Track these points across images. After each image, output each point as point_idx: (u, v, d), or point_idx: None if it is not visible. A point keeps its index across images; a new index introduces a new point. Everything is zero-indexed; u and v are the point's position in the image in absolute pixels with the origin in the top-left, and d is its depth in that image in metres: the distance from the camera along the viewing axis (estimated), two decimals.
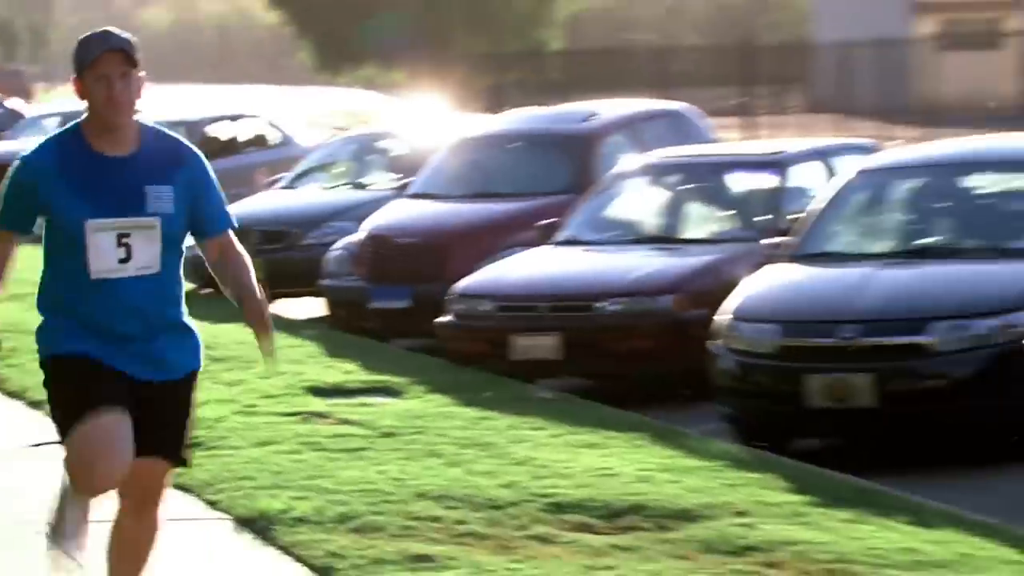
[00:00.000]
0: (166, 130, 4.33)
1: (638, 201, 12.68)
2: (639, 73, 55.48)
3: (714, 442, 8.81)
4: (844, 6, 56.54)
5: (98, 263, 3.99)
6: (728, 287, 10.01)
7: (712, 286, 10.70)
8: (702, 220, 12.28)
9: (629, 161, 13.30)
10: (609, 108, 16.20)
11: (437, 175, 15.15)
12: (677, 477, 7.37)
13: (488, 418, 9.25)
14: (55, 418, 4.24)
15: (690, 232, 12.01)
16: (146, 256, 4.06)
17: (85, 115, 4.15)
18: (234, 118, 25.97)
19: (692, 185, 12.62)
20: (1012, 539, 6.32)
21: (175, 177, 4.12)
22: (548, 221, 12.75)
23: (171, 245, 4.14)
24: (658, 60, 58.32)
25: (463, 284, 11.95)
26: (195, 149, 4.31)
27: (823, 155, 12.88)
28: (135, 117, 4.13)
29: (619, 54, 65.21)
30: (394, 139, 19.42)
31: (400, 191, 15.71)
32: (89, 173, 4.05)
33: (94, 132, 4.10)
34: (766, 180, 12.50)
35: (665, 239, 11.78)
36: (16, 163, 4.16)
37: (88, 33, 4.18)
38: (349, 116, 52.04)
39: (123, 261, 4.02)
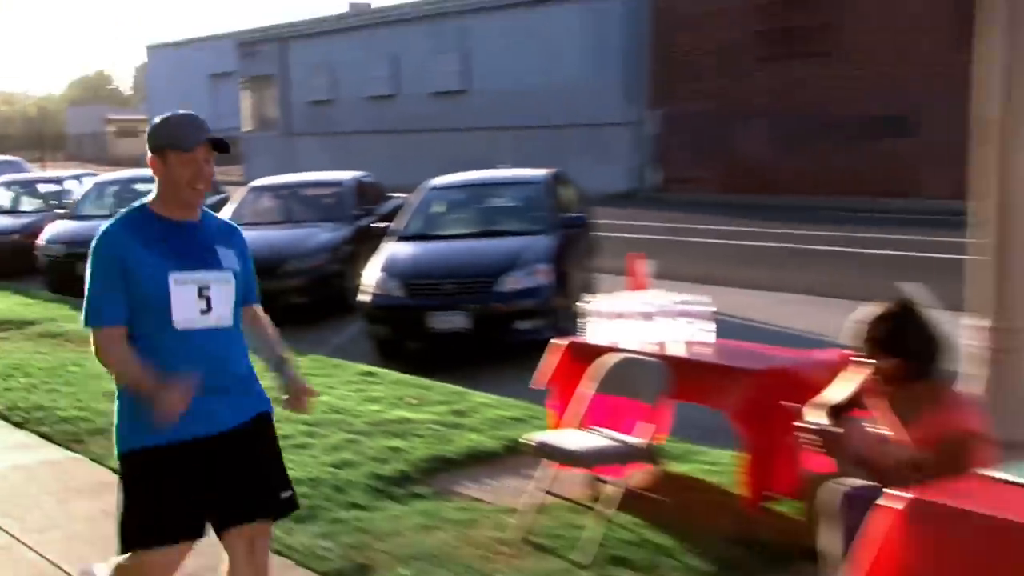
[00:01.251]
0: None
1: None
2: None
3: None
4: None
5: (182, 313, 4.21)
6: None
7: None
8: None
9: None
10: None
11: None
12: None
13: None
14: (122, 519, 4.30)
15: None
16: (224, 308, 4.34)
17: (154, 194, 4.39)
18: None
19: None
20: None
21: (232, 243, 4.50)
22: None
23: (238, 300, 4.44)
24: None
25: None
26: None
27: None
28: None
29: None
30: None
31: None
32: (166, 234, 4.29)
33: (166, 206, 4.33)
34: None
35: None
36: (94, 243, 4.28)
37: (175, 115, 4.40)
38: None
39: (204, 312, 4.27)
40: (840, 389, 4.90)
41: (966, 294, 6.53)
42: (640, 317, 6.91)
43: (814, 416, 4.80)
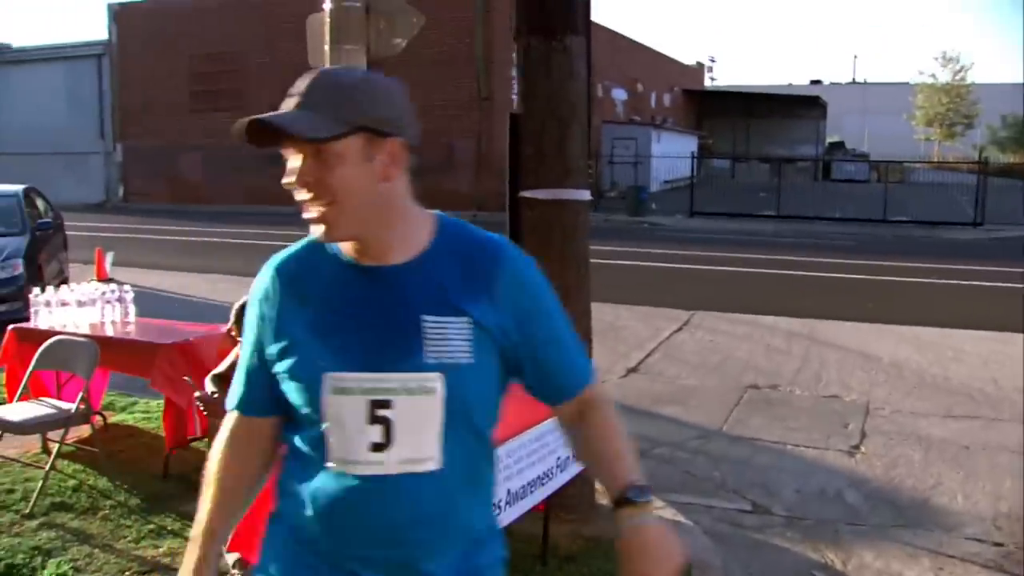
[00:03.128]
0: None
1: None
2: None
3: None
4: None
5: (338, 446, 1.57)
6: None
7: None
8: None
9: None
10: None
11: None
12: None
13: None
14: None
15: None
16: (415, 440, 1.57)
17: None
18: None
19: None
20: None
21: (483, 290, 1.60)
22: None
23: (464, 423, 1.60)
24: None
25: None
26: (508, 244, 1.69)
27: None
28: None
29: None
30: None
31: None
32: (334, 293, 1.61)
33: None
34: None
35: None
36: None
37: None
38: None
39: (378, 448, 1.56)
40: (226, 361, 4.21)
41: None
42: (77, 304, 5.79)
43: (209, 384, 4.06)
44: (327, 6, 5.15)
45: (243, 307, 3.86)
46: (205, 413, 3.84)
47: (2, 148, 36.49)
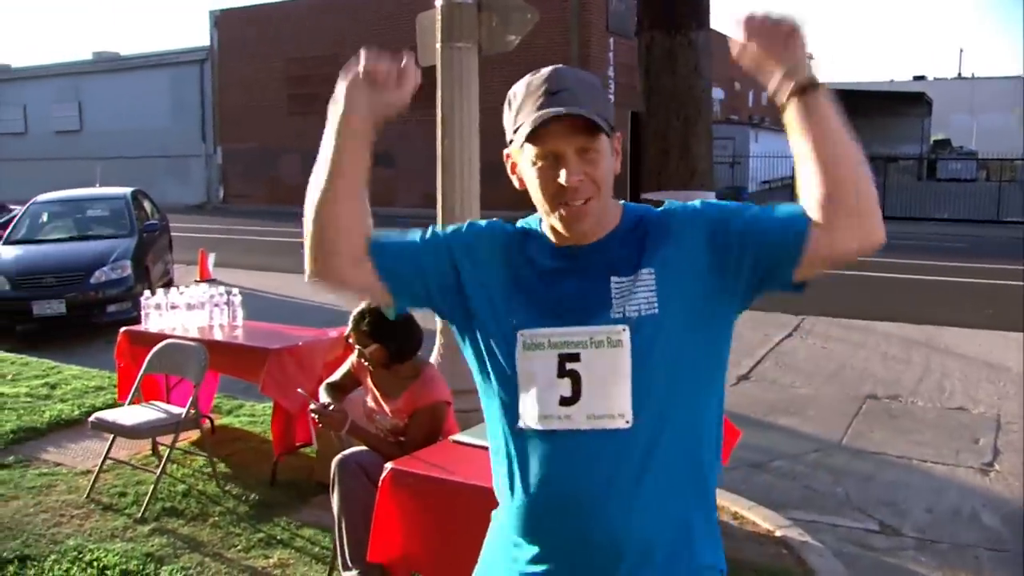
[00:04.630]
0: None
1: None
2: None
3: None
4: None
5: (529, 404, 1.60)
6: None
7: None
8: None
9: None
10: None
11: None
12: None
13: None
14: None
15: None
16: (604, 394, 1.56)
17: None
18: None
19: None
20: None
21: (657, 249, 1.61)
22: None
23: (659, 377, 1.56)
24: None
25: None
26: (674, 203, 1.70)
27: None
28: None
29: None
30: None
31: None
32: (535, 265, 1.66)
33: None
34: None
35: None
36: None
37: None
38: None
39: (566, 402, 1.57)
40: (340, 370, 4.10)
41: None
42: (187, 307, 5.80)
43: (323, 394, 3.96)
44: (438, 3, 5.03)
45: (361, 314, 3.74)
46: (321, 425, 3.73)
47: (111, 152, 37.74)
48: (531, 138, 1.56)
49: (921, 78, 63.44)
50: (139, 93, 37.98)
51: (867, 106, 44.24)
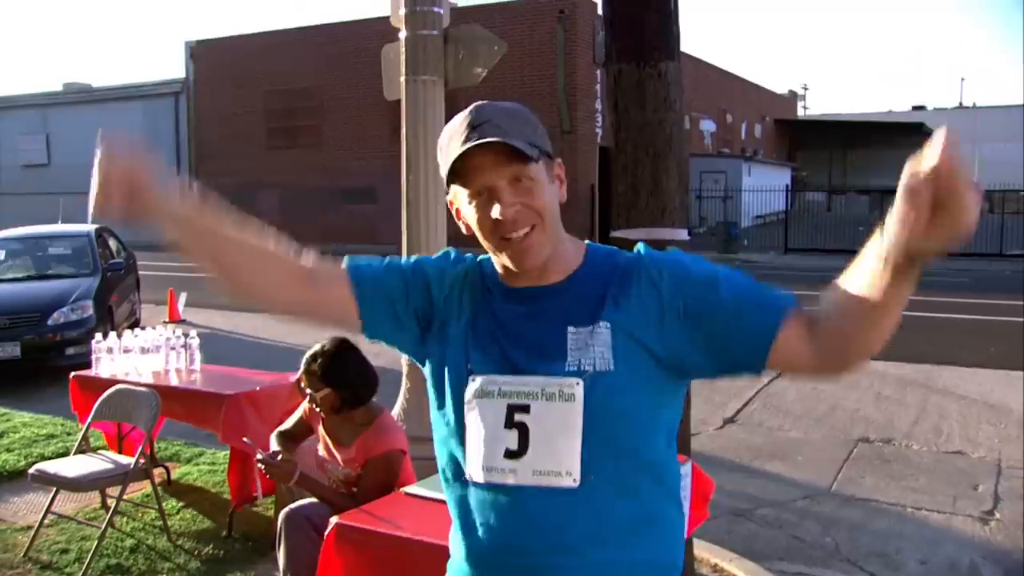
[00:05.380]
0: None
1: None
2: None
3: None
4: None
5: (475, 453, 1.58)
6: None
7: None
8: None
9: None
10: None
11: None
12: None
13: None
14: None
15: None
16: (551, 450, 1.53)
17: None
18: None
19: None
20: None
21: (618, 303, 1.57)
22: None
23: (609, 437, 1.53)
24: None
25: None
26: (649, 251, 1.66)
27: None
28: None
29: None
30: None
31: None
32: (491, 307, 1.64)
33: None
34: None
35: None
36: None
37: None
38: None
39: (512, 455, 1.55)
40: (292, 417, 4.04)
41: None
42: (141, 351, 5.73)
43: (273, 443, 3.89)
44: (402, 35, 5.04)
45: (314, 356, 3.69)
46: (268, 476, 3.66)
47: (81, 187, 37.37)
48: (460, 178, 1.55)
49: (920, 108, 64.08)
50: (111, 126, 36.66)
51: (865, 137, 44.73)
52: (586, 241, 1.71)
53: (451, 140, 1.57)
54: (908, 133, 44.51)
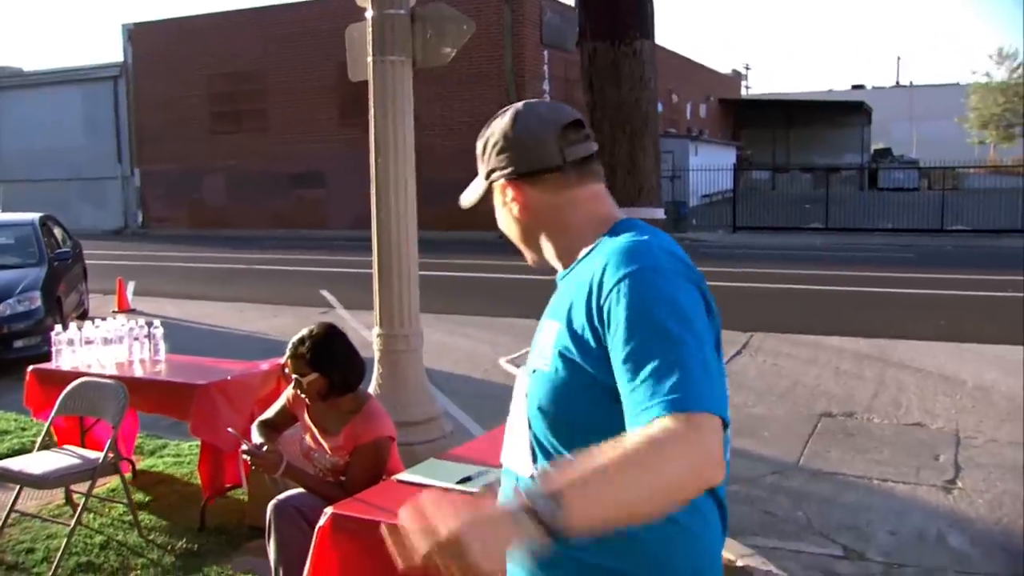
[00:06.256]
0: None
1: None
2: None
3: None
4: None
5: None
6: None
7: None
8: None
9: None
10: None
11: None
12: None
13: None
14: None
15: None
16: (514, 445, 1.64)
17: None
18: None
19: None
20: None
21: (574, 301, 1.54)
22: None
23: (543, 438, 1.56)
24: None
25: None
26: (634, 247, 1.51)
27: None
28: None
29: None
30: None
31: None
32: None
33: None
34: None
35: None
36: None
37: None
38: None
39: (506, 447, 1.70)
40: (275, 406, 3.95)
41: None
42: (103, 342, 5.57)
43: (256, 434, 3.80)
44: (368, 15, 4.94)
45: (301, 339, 3.61)
46: (254, 467, 3.57)
47: (18, 175, 36.81)
48: None
49: (860, 87, 65.10)
50: (47, 112, 37.04)
51: (807, 116, 45.28)
52: (618, 219, 1.65)
53: None
54: (848, 112, 45.23)
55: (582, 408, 1.48)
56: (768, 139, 46.20)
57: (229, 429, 3.89)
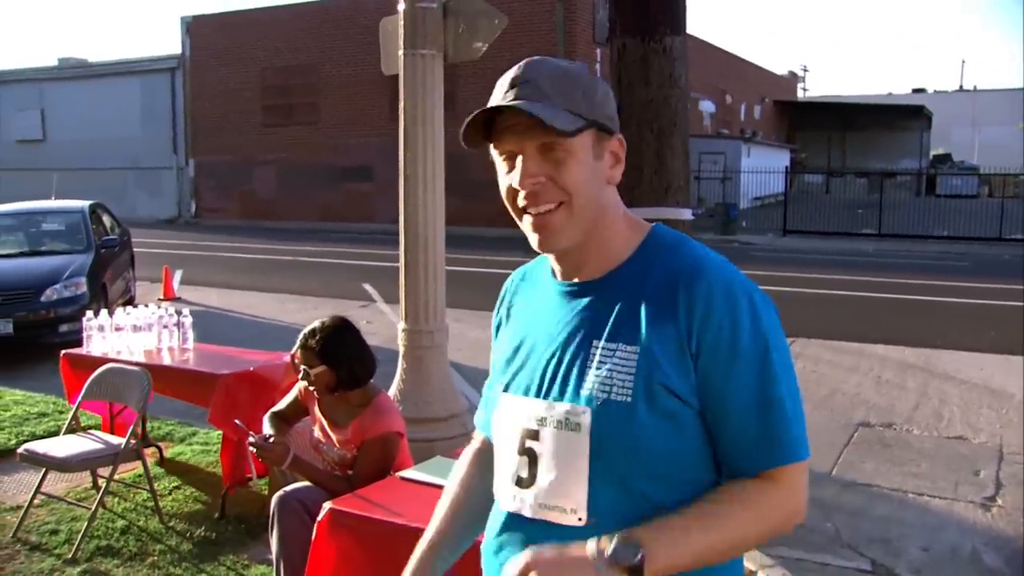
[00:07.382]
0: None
1: None
2: None
3: None
4: None
5: (497, 475, 1.50)
6: None
7: None
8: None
9: None
10: None
11: None
12: None
13: None
14: None
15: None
16: (557, 483, 1.38)
17: None
18: None
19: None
20: None
21: (652, 321, 1.35)
22: None
23: (618, 476, 1.34)
24: None
25: None
26: (718, 265, 1.38)
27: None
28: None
29: None
30: None
31: None
32: (537, 312, 1.52)
33: None
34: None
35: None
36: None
37: None
38: None
39: (520, 483, 1.42)
40: (287, 398, 3.94)
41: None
42: (133, 329, 5.63)
43: (266, 425, 3.80)
44: (401, 7, 4.92)
45: (312, 331, 3.60)
46: (260, 459, 3.57)
47: (77, 163, 37.47)
48: (493, 136, 1.40)
49: (921, 91, 63.83)
50: (107, 102, 37.67)
51: (864, 120, 44.51)
52: (653, 224, 1.48)
53: (495, 92, 1.42)
54: (908, 116, 44.37)
55: (667, 441, 1.33)
56: (823, 142, 45.53)
57: (236, 421, 3.88)
